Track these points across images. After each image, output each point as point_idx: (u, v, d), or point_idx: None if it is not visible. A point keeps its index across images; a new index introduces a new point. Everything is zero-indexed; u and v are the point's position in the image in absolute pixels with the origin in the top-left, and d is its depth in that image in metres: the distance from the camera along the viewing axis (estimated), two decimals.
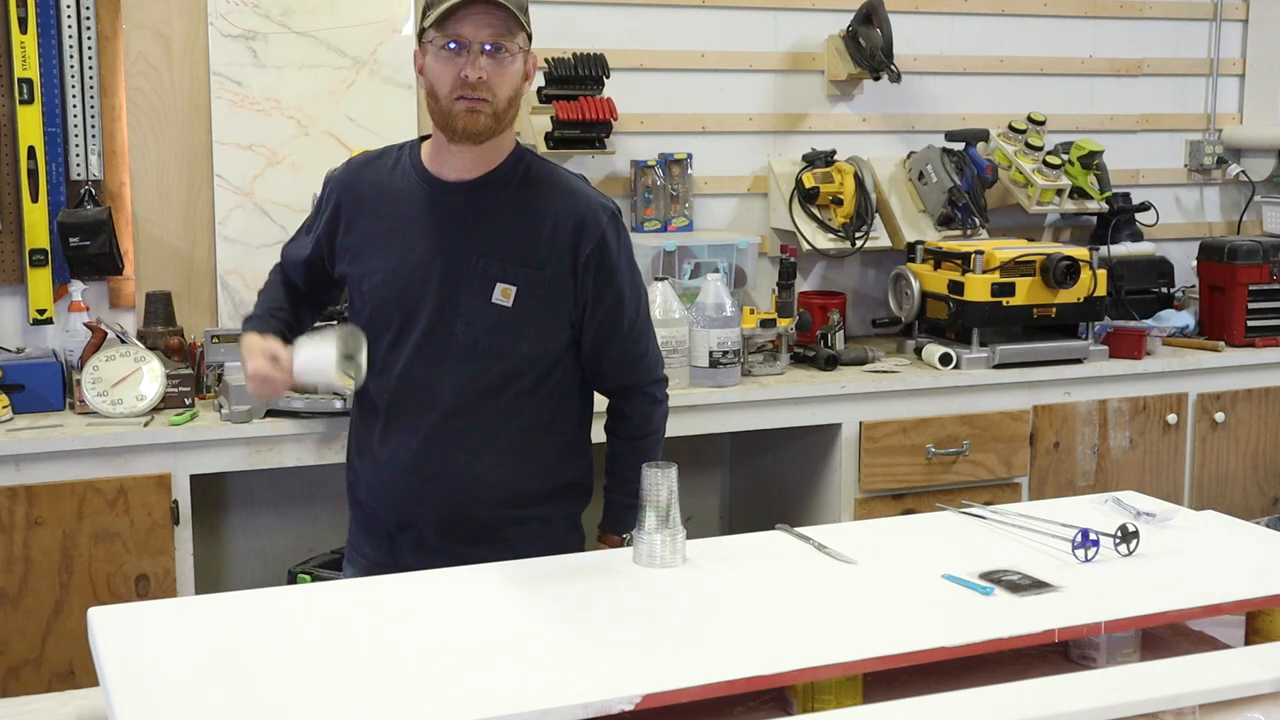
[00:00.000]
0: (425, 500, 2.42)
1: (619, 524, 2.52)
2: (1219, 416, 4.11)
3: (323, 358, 2.30)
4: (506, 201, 2.37)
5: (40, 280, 3.51)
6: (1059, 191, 4.30)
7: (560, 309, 2.39)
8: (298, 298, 2.62)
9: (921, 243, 4.06)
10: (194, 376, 3.34)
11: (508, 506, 2.43)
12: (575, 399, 2.49)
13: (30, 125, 3.45)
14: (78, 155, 3.51)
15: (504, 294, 2.34)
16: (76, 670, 3.09)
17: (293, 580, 3.49)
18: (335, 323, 2.79)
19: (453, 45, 2.25)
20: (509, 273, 2.34)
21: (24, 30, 3.42)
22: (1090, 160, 4.33)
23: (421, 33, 2.31)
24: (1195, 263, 4.36)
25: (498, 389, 2.38)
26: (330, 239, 2.47)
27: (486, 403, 2.38)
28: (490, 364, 2.36)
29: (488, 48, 2.25)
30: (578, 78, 3.83)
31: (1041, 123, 4.38)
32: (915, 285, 3.99)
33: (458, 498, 2.41)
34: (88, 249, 3.45)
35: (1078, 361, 3.93)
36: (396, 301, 2.38)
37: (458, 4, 2.23)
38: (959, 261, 3.88)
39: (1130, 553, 2.27)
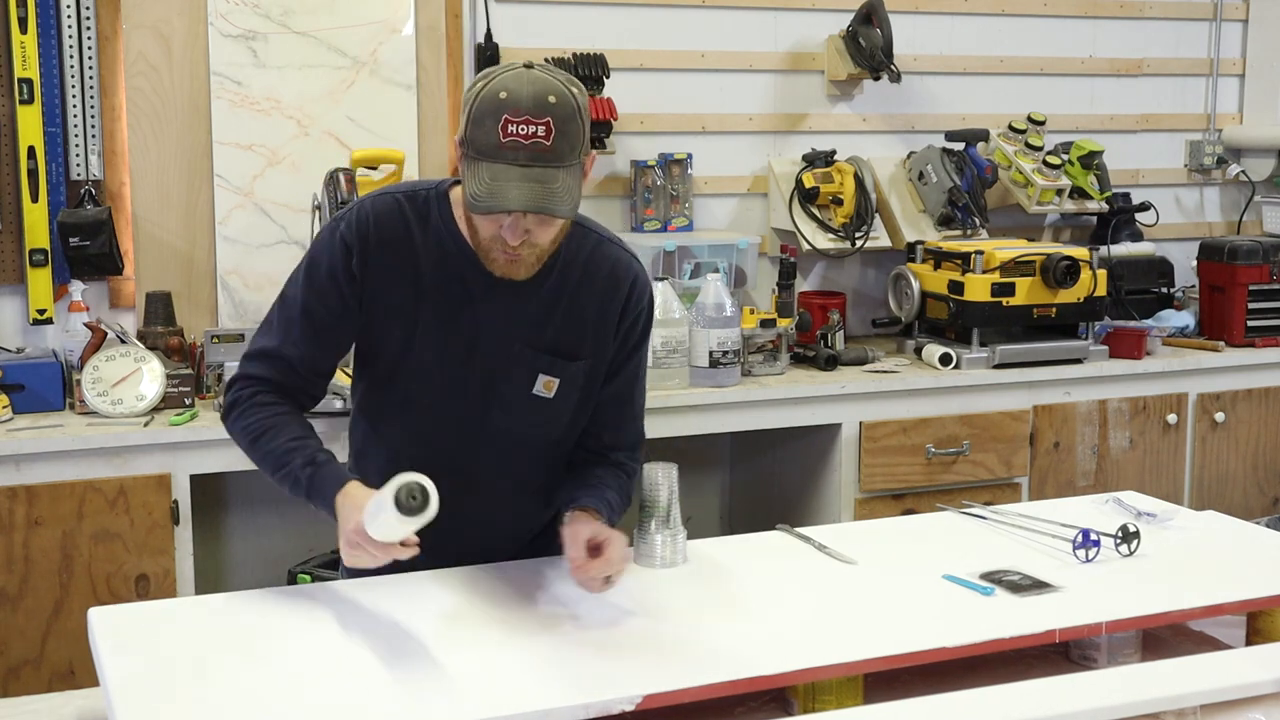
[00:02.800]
0: (431, 550, 2.21)
1: (604, 512, 2.20)
2: (1219, 416, 4.11)
3: (386, 521, 1.92)
4: (551, 287, 2.18)
5: (40, 280, 3.51)
6: (1059, 191, 4.30)
7: (595, 387, 2.28)
8: (302, 407, 2.24)
9: (921, 243, 4.06)
10: (194, 376, 3.34)
11: (508, 542, 2.35)
12: None
13: (30, 125, 3.45)
14: (78, 155, 3.51)
15: (546, 386, 2.19)
16: (76, 670, 3.08)
17: (293, 580, 3.49)
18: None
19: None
20: (554, 366, 2.19)
21: (24, 30, 3.42)
22: (1090, 160, 4.33)
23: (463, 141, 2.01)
24: (1195, 263, 4.36)
25: (525, 464, 2.29)
26: (358, 305, 2.16)
27: (510, 477, 2.28)
28: (523, 448, 2.26)
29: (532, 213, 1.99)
30: (578, 78, 3.82)
31: (1041, 123, 4.38)
32: (915, 285, 3.99)
33: (465, 547, 2.29)
34: (88, 249, 3.45)
35: (1078, 361, 3.93)
36: (429, 381, 2.18)
37: (498, 199, 1.94)
38: (959, 261, 3.88)
39: (1131, 553, 2.27)
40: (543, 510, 2.34)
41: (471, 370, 2.17)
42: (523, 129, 1.94)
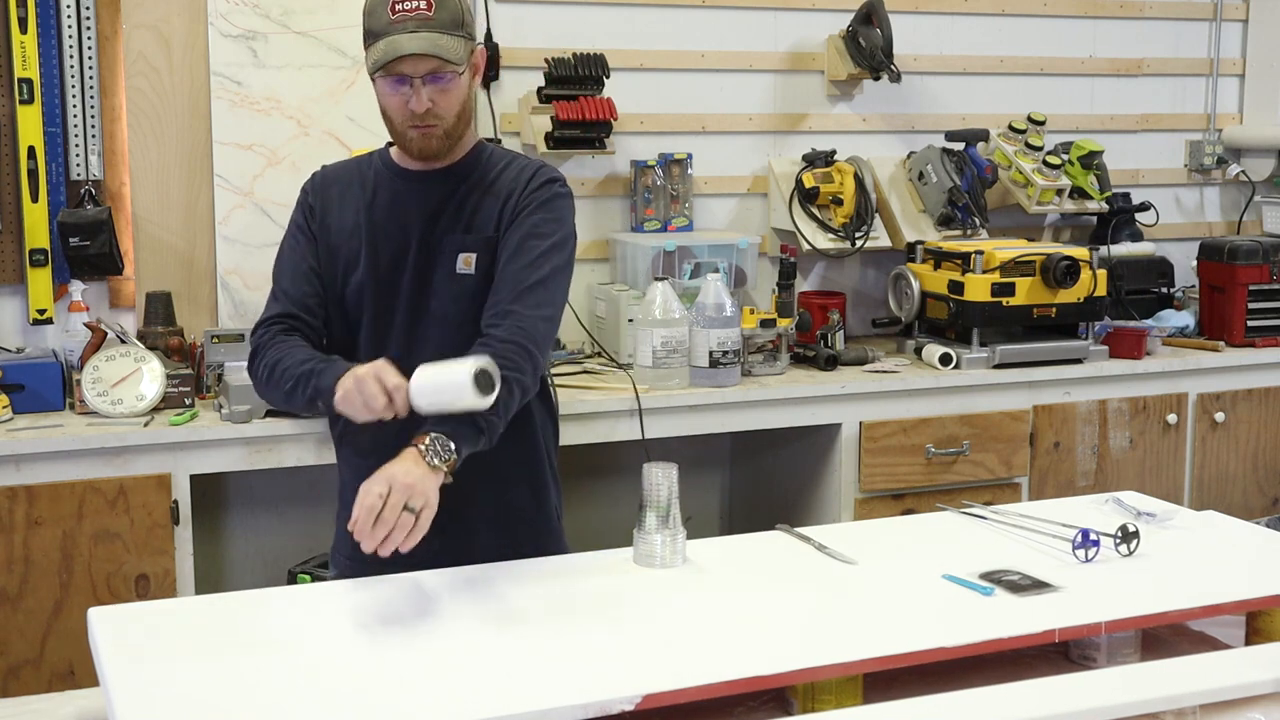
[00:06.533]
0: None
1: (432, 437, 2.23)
2: (1219, 416, 4.11)
3: (453, 375, 2.06)
4: (470, 185, 2.43)
5: (40, 280, 3.51)
6: (1059, 191, 4.30)
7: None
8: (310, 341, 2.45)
9: (921, 243, 4.06)
10: (194, 376, 3.34)
11: (487, 490, 2.39)
12: (540, 402, 2.48)
13: (30, 125, 3.45)
14: (78, 155, 3.51)
15: (466, 262, 2.39)
16: (76, 670, 3.09)
17: (293, 580, 3.49)
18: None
19: (396, 80, 2.31)
20: (468, 242, 2.40)
21: (24, 30, 3.42)
22: (1090, 160, 4.33)
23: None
24: (1195, 263, 4.36)
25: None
26: (313, 233, 2.47)
27: None
28: (463, 334, 2.33)
29: (430, 79, 2.30)
30: (578, 78, 3.83)
31: (1041, 123, 4.38)
32: (915, 285, 3.99)
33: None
34: (88, 249, 3.45)
35: (1078, 361, 3.93)
36: (375, 288, 2.41)
37: (394, 51, 2.26)
38: (959, 261, 3.88)
39: (1130, 553, 2.27)
40: (501, 453, 2.34)
41: (409, 267, 2.40)
42: (407, 5, 2.28)
